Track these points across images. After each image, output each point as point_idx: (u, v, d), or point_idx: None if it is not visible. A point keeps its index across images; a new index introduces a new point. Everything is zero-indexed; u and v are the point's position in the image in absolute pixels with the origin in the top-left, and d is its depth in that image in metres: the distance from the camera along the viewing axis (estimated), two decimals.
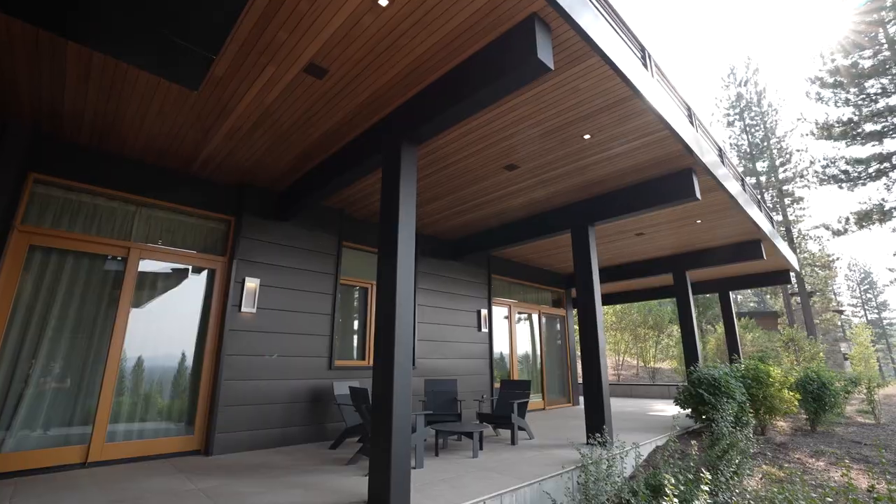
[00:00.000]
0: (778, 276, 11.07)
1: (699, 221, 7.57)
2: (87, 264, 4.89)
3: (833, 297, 29.40)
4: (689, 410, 7.02)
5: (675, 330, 18.70)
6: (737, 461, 4.40)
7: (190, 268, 5.59)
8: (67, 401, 4.52)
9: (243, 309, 5.59)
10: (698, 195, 5.56)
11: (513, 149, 5.04)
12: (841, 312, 28.22)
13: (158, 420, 5.07)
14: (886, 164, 19.78)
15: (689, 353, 9.20)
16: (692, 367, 7.45)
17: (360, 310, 7.24)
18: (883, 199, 20.63)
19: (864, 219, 19.42)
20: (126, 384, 4.90)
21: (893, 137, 19.44)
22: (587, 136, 4.80)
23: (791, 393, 7.04)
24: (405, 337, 3.57)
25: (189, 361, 5.38)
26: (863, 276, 48.78)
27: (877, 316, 47.50)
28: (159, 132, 4.62)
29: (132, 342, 4.98)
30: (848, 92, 20.33)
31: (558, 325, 11.54)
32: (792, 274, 12.16)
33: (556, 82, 3.84)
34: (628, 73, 3.81)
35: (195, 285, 5.62)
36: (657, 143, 4.91)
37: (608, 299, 14.04)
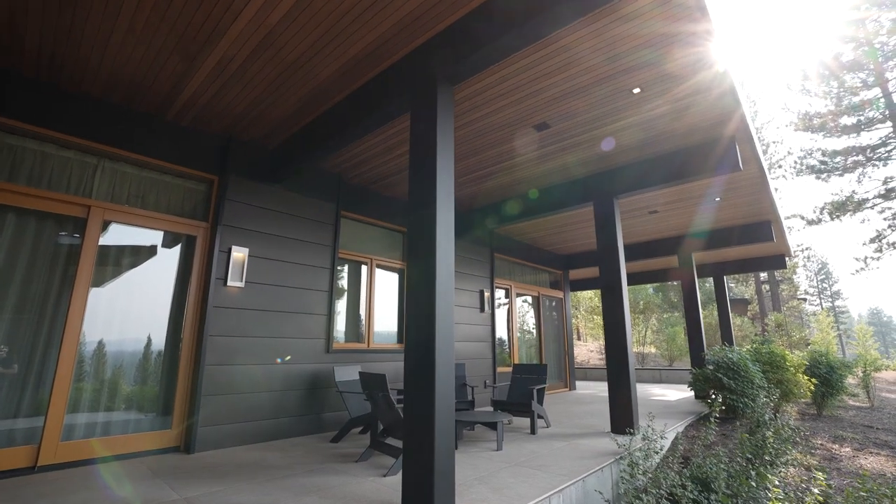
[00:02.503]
0: (774, 260, 11.00)
1: (718, 199, 7.21)
2: (35, 224, 3.97)
3: (797, 285, 30.60)
4: (710, 395, 6.72)
5: (664, 315, 18.83)
6: (791, 450, 4.05)
7: (162, 234, 4.72)
8: (11, 392, 3.66)
9: (229, 283, 4.79)
10: (741, 165, 5.11)
11: (548, 103, 4.41)
12: (805, 300, 29.43)
13: (127, 412, 4.26)
14: (861, 157, 20.35)
15: (695, 336, 8.98)
16: (706, 351, 7.16)
17: (358, 287, 6.52)
18: (854, 192, 21.29)
19: (839, 209, 19.99)
20: (87, 371, 4.06)
21: (869, 130, 19.98)
22: (636, 90, 4.23)
23: (807, 378, 6.86)
24: (446, 314, 2.93)
25: (165, 343, 4.57)
26: (820, 266, 51.48)
27: (831, 304, 50.33)
28: (129, 59, 3.71)
29: (94, 320, 4.12)
30: (829, 85, 20.70)
31: (556, 308, 11.16)
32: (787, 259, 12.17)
33: (626, 13, 3.21)
34: (708, 4, 3.23)
35: (171, 254, 4.77)
36: (713, 101, 4.38)
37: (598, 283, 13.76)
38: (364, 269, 6.59)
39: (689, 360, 19.95)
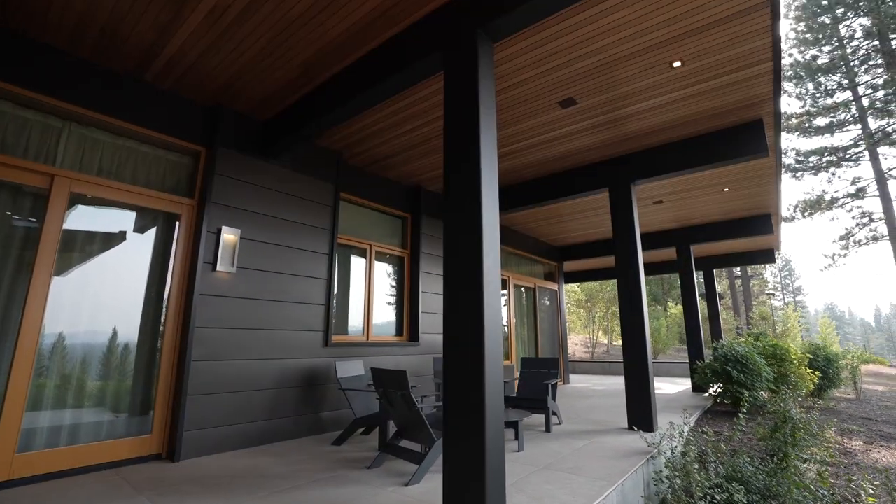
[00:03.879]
0: (764, 254, 11.10)
1: (726, 189, 7.06)
2: None
3: (766, 281, 31.72)
4: (714, 389, 6.61)
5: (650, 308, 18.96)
6: (830, 450, 3.88)
7: (140, 211, 4.12)
8: None
9: (219, 268, 4.24)
10: (769, 151, 4.91)
11: (580, 76, 4.05)
12: (773, 295, 30.53)
13: (99, 415, 3.68)
14: (833, 157, 21.04)
15: (692, 329, 8.91)
16: (715, 344, 7.05)
17: (358, 275, 6.04)
18: (823, 191, 22.04)
19: (812, 207, 20.63)
20: (48, 369, 3.47)
21: (842, 131, 20.66)
22: (677, 64, 3.91)
23: (810, 371, 6.84)
24: (494, 292, 2.54)
25: (143, 336, 3.99)
26: (784, 263, 53.74)
27: (793, 299, 52.70)
28: (102, 3, 3.11)
29: (59, 309, 3.52)
30: (805, 86, 21.26)
31: (550, 300, 10.94)
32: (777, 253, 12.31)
33: None
34: None
35: (150, 235, 4.18)
36: (752, 79, 4.11)
37: (592, 275, 13.66)
38: (363, 256, 6.11)
39: (673, 353, 20.31)
